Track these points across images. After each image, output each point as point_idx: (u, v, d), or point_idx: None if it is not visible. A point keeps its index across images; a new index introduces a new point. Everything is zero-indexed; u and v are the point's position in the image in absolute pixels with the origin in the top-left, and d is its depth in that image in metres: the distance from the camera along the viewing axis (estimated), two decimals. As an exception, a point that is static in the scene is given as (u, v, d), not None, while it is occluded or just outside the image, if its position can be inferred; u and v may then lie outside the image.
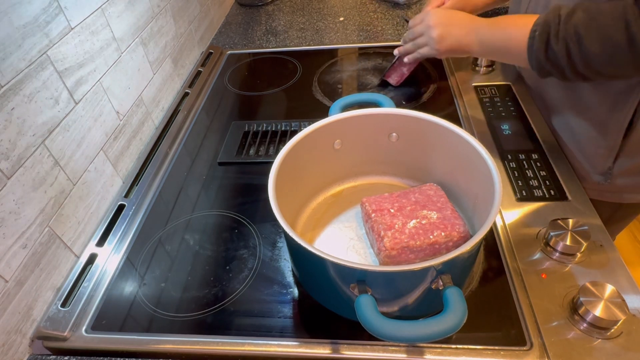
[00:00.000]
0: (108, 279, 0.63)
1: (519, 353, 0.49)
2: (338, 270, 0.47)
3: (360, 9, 1.34)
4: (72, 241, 0.65)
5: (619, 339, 0.49)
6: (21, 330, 0.55)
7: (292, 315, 0.56)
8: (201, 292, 0.60)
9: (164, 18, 0.95)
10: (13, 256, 0.54)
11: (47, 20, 0.60)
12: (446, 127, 0.59)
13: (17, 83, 0.55)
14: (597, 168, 0.71)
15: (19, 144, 0.55)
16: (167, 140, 0.88)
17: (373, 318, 0.42)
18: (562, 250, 0.57)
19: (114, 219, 0.72)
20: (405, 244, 0.54)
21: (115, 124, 0.76)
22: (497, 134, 0.78)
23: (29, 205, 0.56)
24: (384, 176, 0.71)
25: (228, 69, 1.12)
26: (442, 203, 0.58)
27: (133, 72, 0.83)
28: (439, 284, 0.45)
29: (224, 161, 0.82)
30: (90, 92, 0.69)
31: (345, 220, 0.65)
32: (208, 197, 0.75)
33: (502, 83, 0.90)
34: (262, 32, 1.27)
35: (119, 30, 0.78)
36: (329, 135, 0.64)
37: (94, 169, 0.70)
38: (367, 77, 1.02)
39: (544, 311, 0.52)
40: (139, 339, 0.55)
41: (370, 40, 1.16)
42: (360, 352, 0.52)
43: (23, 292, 0.55)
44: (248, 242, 0.66)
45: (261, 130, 0.88)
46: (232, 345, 0.53)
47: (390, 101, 0.66)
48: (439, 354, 0.51)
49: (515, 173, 0.70)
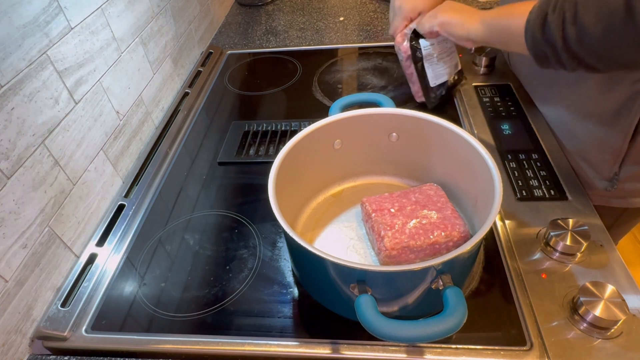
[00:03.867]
0: (108, 279, 0.63)
1: (519, 353, 0.49)
2: (338, 270, 0.47)
3: (360, 9, 1.34)
4: (72, 241, 0.65)
5: (619, 339, 0.49)
6: (21, 330, 0.55)
7: (292, 315, 0.56)
8: (201, 292, 0.60)
9: (164, 18, 0.95)
10: (13, 256, 0.54)
11: (47, 20, 0.60)
12: (446, 127, 0.59)
13: (17, 83, 0.55)
14: (603, 174, 0.70)
15: (18, 143, 0.55)
16: (167, 140, 0.88)
17: (373, 318, 0.42)
18: (562, 250, 0.57)
19: (114, 219, 0.72)
20: (406, 244, 0.54)
21: (115, 124, 0.76)
22: (497, 134, 0.78)
23: (29, 205, 0.56)
24: (384, 176, 0.71)
25: (228, 69, 1.12)
26: (442, 203, 0.58)
27: (133, 72, 0.83)
28: (439, 284, 0.45)
29: (224, 161, 0.82)
30: (90, 92, 0.69)
31: (345, 220, 0.65)
32: (208, 197, 0.75)
33: (502, 83, 0.90)
34: (262, 32, 1.27)
35: (119, 30, 0.78)
36: (329, 135, 0.64)
37: (94, 169, 0.70)
38: (367, 77, 1.02)
39: (544, 311, 0.52)
40: (139, 339, 0.55)
41: (370, 40, 1.16)
42: (360, 352, 0.52)
43: (23, 292, 0.55)
44: (248, 242, 0.66)
45: (261, 130, 0.88)
46: (232, 345, 0.53)
47: (390, 101, 0.66)
48: (439, 354, 0.51)
49: (515, 173, 0.70)
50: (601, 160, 0.69)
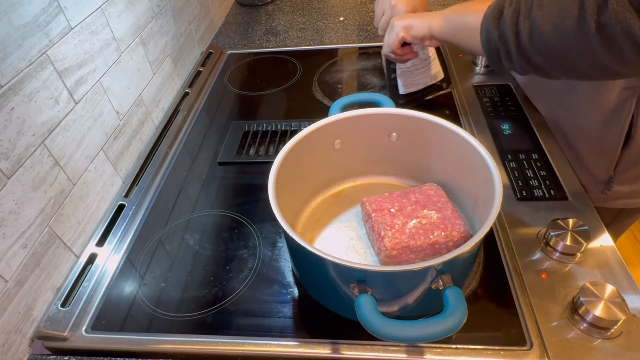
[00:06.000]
0: (108, 279, 0.63)
1: (519, 353, 0.49)
2: (338, 270, 0.47)
3: (360, 9, 1.34)
4: (72, 241, 0.65)
5: (619, 339, 0.49)
6: (21, 330, 0.55)
7: (292, 315, 0.56)
8: (201, 292, 0.60)
9: (164, 18, 0.95)
10: (13, 256, 0.54)
11: (47, 20, 0.60)
12: (446, 127, 0.59)
13: (17, 83, 0.55)
14: (599, 178, 0.70)
15: (18, 143, 0.55)
16: (167, 140, 0.88)
17: (373, 318, 0.42)
18: (562, 250, 0.57)
19: (114, 218, 0.72)
20: (406, 244, 0.54)
21: (115, 124, 0.76)
22: (497, 134, 0.78)
23: (29, 205, 0.56)
24: (384, 176, 0.71)
25: (228, 68, 1.12)
26: (442, 203, 0.58)
27: (133, 72, 0.83)
28: (439, 284, 0.45)
29: (224, 161, 0.82)
30: (90, 92, 0.69)
31: (345, 220, 0.65)
32: (208, 197, 0.75)
33: (502, 83, 0.90)
34: (262, 32, 1.27)
35: (118, 30, 0.78)
36: (329, 135, 0.64)
37: (94, 169, 0.70)
38: (367, 77, 1.02)
39: (544, 311, 0.52)
40: (139, 339, 0.55)
41: (370, 40, 1.16)
42: (360, 352, 0.52)
43: (23, 292, 0.55)
44: (248, 242, 0.66)
45: (261, 130, 0.88)
46: (232, 345, 0.53)
47: (391, 101, 0.66)
48: (439, 354, 0.51)
49: (515, 173, 0.70)
50: (596, 165, 0.70)
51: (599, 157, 0.69)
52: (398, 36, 0.71)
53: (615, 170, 0.68)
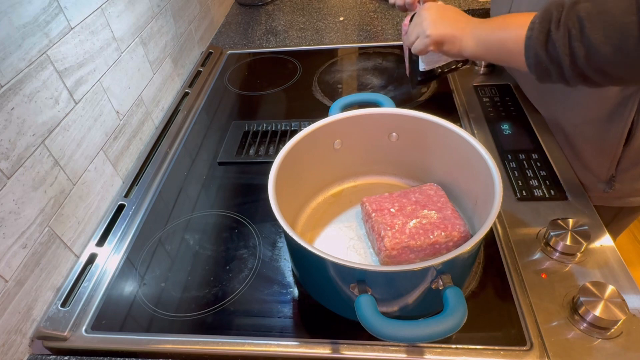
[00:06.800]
0: (108, 279, 0.63)
1: (519, 353, 0.49)
2: (338, 270, 0.47)
3: (360, 9, 1.34)
4: (72, 241, 0.65)
5: (619, 339, 0.49)
6: (21, 330, 0.55)
7: (292, 315, 0.56)
8: (201, 292, 0.60)
9: (164, 18, 0.95)
10: (13, 256, 0.54)
11: (47, 20, 0.60)
12: (446, 127, 0.59)
13: (17, 83, 0.55)
14: (600, 177, 0.70)
15: (18, 143, 0.55)
16: (167, 140, 0.88)
17: (373, 318, 0.42)
18: (562, 250, 0.57)
19: (114, 218, 0.72)
20: (406, 244, 0.54)
21: (115, 124, 0.76)
22: (497, 134, 0.78)
23: (29, 205, 0.56)
24: (384, 176, 0.71)
25: (228, 68, 1.12)
26: (442, 203, 0.58)
27: (133, 72, 0.83)
28: (439, 284, 0.45)
29: (223, 161, 0.82)
30: (90, 92, 0.69)
31: (345, 220, 0.65)
32: (208, 197, 0.75)
33: (502, 83, 0.90)
34: (262, 32, 1.27)
35: (118, 30, 0.78)
36: (329, 135, 0.64)
37: (94, 169, 0.70)
38: (367, 77, 1.02)
39: (544, 311, 0.52)
40: (139, 339, 0.55)
41: (370, 40, 1.16)
42: (360, 352, 0.52)
43: (23, 292, 0.55)
44: (248, 242, 0.66)
45: (261, 130, 0.88)
46: (232, 345, 0.53)
47: (391, 101, 0.66)
48: (439, 354, 0.51)
49: (515, 173, 0.70)
50: (597, 164, 0.69)
51: (600, 155, 0.68)
52: (427, 47, 0.68)
53: (616, 169, 0.68)
